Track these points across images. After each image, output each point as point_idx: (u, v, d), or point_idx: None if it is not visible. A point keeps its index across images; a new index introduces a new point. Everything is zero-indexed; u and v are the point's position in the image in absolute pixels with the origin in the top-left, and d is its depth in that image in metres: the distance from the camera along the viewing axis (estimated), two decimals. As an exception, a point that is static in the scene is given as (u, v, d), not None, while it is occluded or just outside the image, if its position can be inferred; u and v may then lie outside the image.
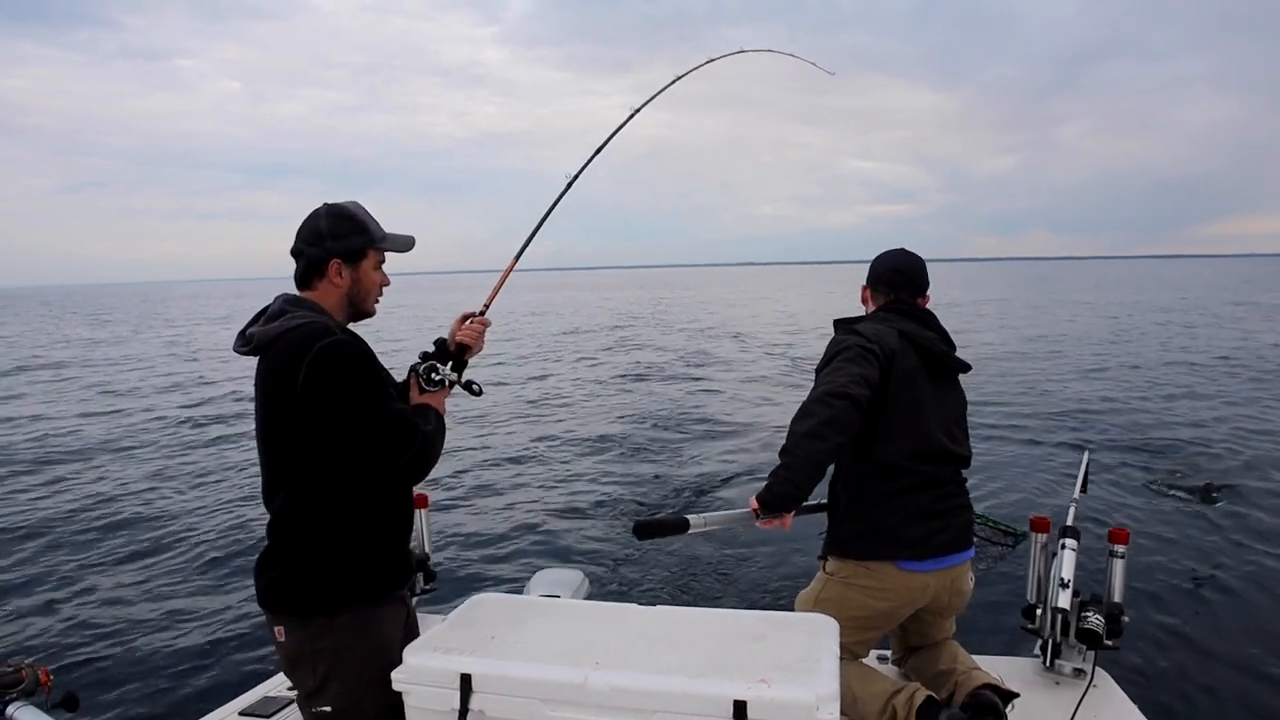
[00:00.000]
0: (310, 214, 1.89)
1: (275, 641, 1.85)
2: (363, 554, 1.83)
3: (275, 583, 1.82)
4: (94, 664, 4.61)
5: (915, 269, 2.49)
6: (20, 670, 2.04)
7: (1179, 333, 23.51)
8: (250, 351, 1.81)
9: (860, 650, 2.43)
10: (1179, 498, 7.30)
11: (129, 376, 18.30)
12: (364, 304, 1.94)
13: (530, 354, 21.49)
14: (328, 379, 1.70)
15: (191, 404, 14.07)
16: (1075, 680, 2.59)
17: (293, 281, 1.92)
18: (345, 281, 1.88)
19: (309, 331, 1.74)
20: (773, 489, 2.11)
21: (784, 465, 2.12)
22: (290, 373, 1.71)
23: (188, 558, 6.38)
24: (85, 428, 12.10)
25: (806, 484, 2.12)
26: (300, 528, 1.81)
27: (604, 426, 11.46)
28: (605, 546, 6.46)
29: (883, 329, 2.32)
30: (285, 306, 1.84)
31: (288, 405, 1.73)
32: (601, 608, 2.11)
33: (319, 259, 1.86)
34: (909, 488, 2.27)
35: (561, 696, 1.65)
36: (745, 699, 1.54)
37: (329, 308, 1.88)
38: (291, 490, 1.80)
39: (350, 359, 1.74)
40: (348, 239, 1.87)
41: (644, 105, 2.67)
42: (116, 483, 8.79)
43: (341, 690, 1.80)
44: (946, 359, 2.38)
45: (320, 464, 1.77)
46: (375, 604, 1.86)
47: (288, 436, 1.77)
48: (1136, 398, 12.80)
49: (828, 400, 2.13)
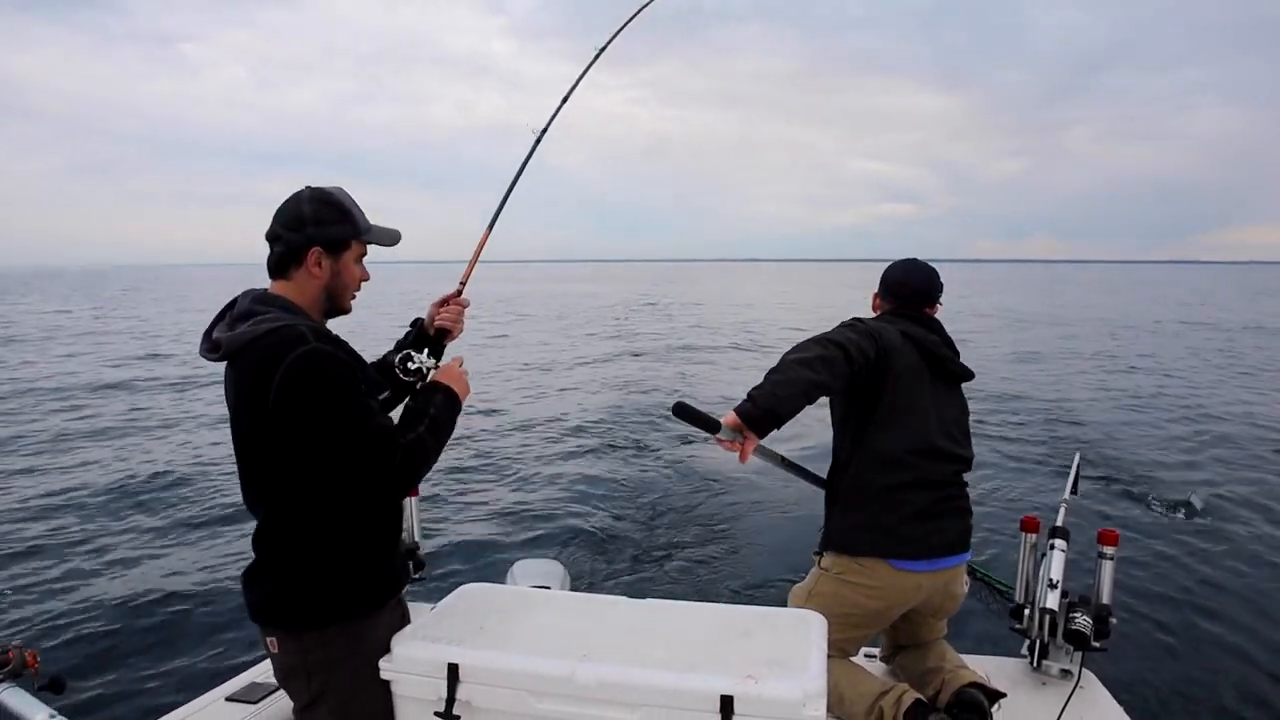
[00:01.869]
0: (291, 196, 1.73)
1: (269, 653, 1.79)
2: (350, 566, 1.74)
3: (264, 598, 1.74)
4: (82, 648, 4.59)
5: (926, 281, 2.52)
6: (8, 652, 2.04)
7: (1180, 335, 23.57)
8: (219, 358, 1.67)
9: (850, 648, 2.43)
10: (1169, 501, 7.32)
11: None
12: (341, 299, 1.79)
13: (519, 343, 21.49)
14: (300, 394, 1.57)
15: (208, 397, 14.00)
16: (1062, 681, 2.60)
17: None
18: (324, 273, 1.74)
19: (280, 339, 1.59)
20: (755, 398, 2.01)
21: (768, 380, 2.05)
22: (262, 385, 1.58)
23: (178, 542, 6.37)
24: (97, 404, 12.07)
25: (789, 402, 2.01)
26: (284, 542, 1.71)
27: (590, 417, 11.45)
28: (587, 539, 6.44)
29: (886, 326, 2.35)
30: (253, 306, 1.68)
31: (260, 419, 1.61)
32: (591, 600, 2.11)
33: (298, 246, 1.71)
34: (907, 484, 2.27)
35: (549, 688, 1.65)
36: (733, 694, 1.54)
37: (303, 303, 1.74)
38: (272, 504, 1.71)
39: (325, 371, 1.59)
40: (331, 227, 1.73)
41: (608, 44, 2.61)
42: (110, 465, 8.78)
43: (336, 703, 1.75)
44: (949, 363, 2.39)
45: (299, 478, 1.65)
46: (365, 614, 1.77)
47: (263, 450, 1.66)
48: (1135, 399, 12.85)
49: (823, 341, 2.14)
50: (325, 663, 1.73)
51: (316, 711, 1.76)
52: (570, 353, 19.79)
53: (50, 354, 19.27)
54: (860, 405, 2.32)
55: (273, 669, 1.84)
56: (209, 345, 1.70)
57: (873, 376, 2.23)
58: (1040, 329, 26.17)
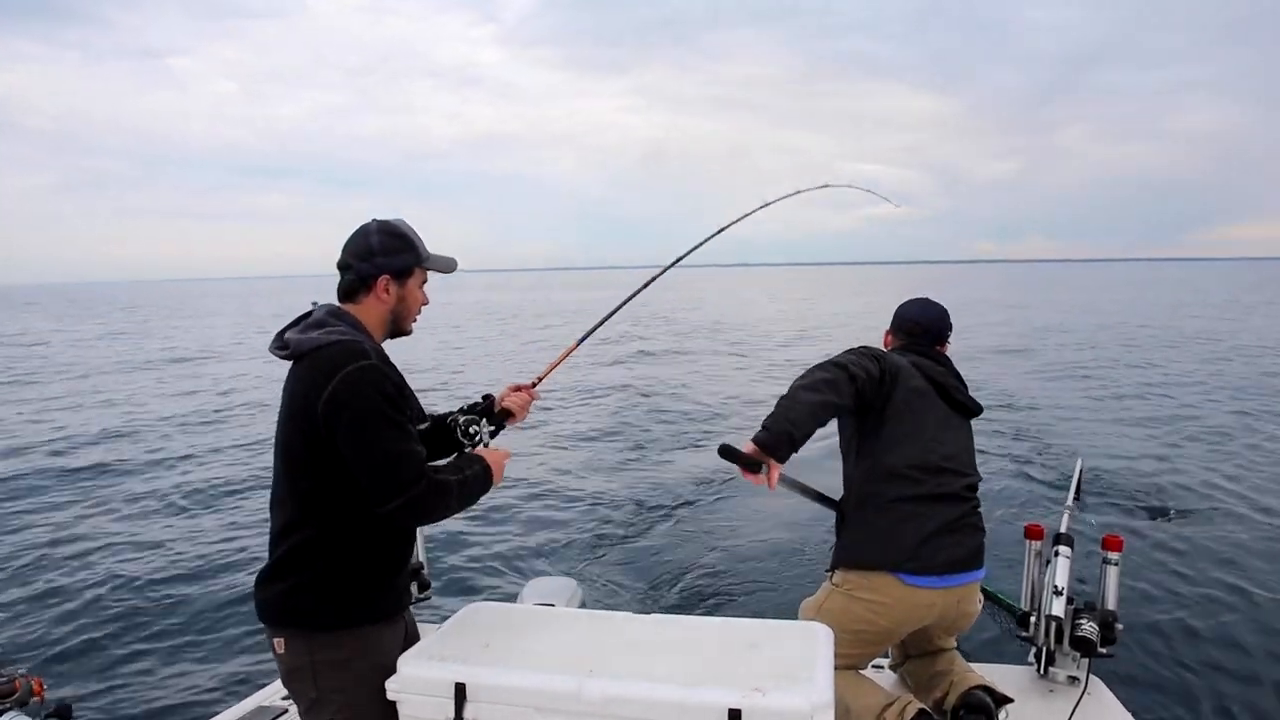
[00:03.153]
0: (359, 230, 1.90)
1: (274, 653, 1.85)
2: (364, 575, 1.82)
3: (276, 597, 1.81)
4: (88, 675, 4.58)
5: (938, 320, 2.60)
6: (14, 680, 2.05)
7: (1177, 340, 23.58)
8: (286, 356, 1.82)
9: (859, 664, 2.43)
10: (1173, 505, 7.31)
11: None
12: (404, 322, 1.96)
13: (521, 354, 21.47)
14: (348, 402, 1.70)
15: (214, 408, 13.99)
16: (1069, 688, 2.59)
17: (290, 280, 1.91)
18: (391, 298, 1.90)
19: (345, 350, 1.75)
20: (769, 426, 2.08)
21: (779, 407, 2.13)
22: (317, 388, 1.71)
23: (184, 567, 6.35)
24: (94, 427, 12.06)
25: (801, 424, 2.09)
26: (305, 544, 1.79)
27: (599, 431, 11.45)
28: (600, 554, 6.44)
29: (894, 355, 2.44)
30: (326, 318, 1.84)
31: (308, 419, 1.73)
32: (596, 616, 2.11)
33: (369, 274, 1.87)
34: (914, 498, 2.28)
35: (555, 705, 1.65)
36: (740, 708, 1.54)
37: (369, 324, 1.88)
38: (299, 505, 1.80)
39: (376, 387, 1.73)
40: (398, 256, 1.89)
41: (759, 209, 2.88)
42: (115, 488, 8.76)
43: (343, 703, 1.79)
44: (957, 393, 2.44)
45: (331, 483, 1.75)
46: (375, 623, 1.85)
47: (302, 450, 1.76)
48: (1137, 403, 12.85)
49: (825, 365, 2.23)
50: (331, 663, 1.79)
51: (322, 711, 1.80)
52: (574, 362, 19.73)
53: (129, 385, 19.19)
54: (867, 423, 2.35)
55: (278, 670, 1.88)
56: (279, 343, 1.85)
57: (878, 394, 2.28)
58: (1040, 332, 26.17)
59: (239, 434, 11.59)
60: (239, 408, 14.04)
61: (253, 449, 10.51)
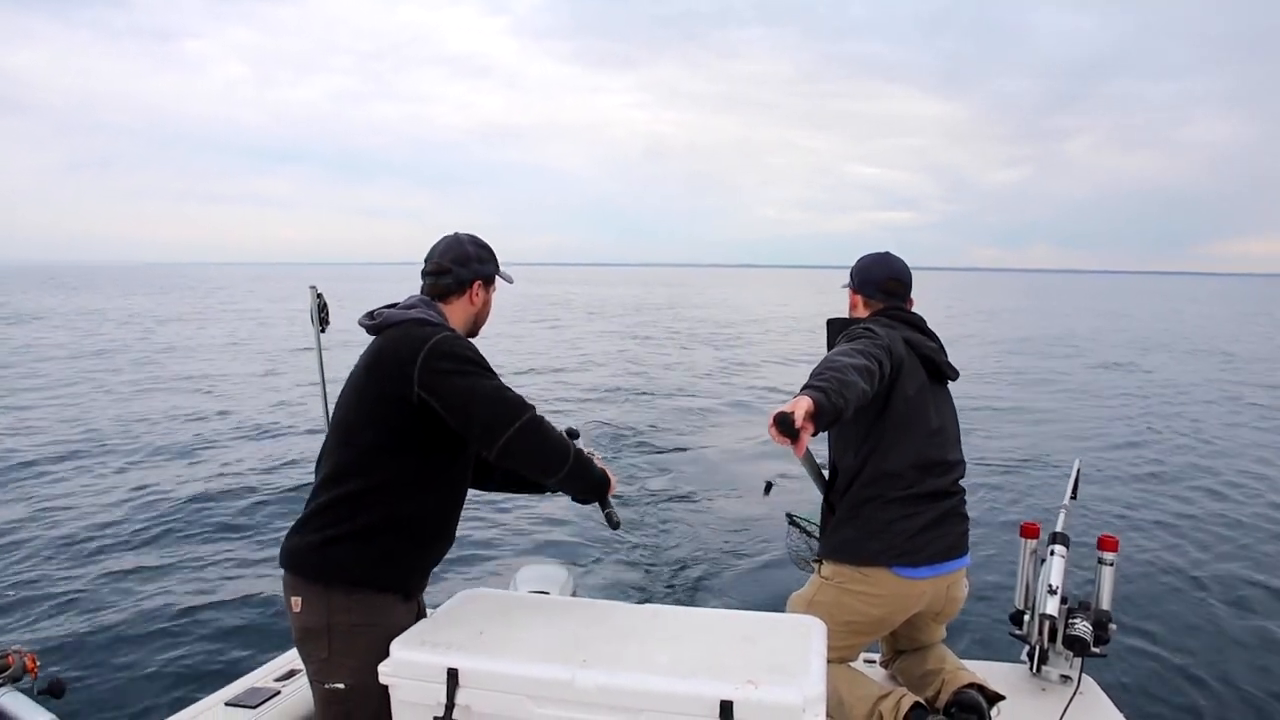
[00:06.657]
0: (452, 238, 2.06)
1: (290, 613, 1.88)
2: (398, 542, 1.88)
3: (308, 547, 1.85)
4: (81, 652, 4.59)
5: (906, 272, 2.51)
6: (7, 656, 2.04)
7: (1181, 343, 23.57)
8: (374, 327, 1.94)
9: (850, 655, 2.43)
10: (1169, 507, 7.32)
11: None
12: (481, 324, 2.13)
13: (523, 342, 21.49)
14: (449, 352, 1.81)
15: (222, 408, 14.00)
16: (1062, 687, 2.59)
17: (302, 268, 1.91)
18: (479, 302, 2.07)
19: (432, 325, 1.89)
20: (828, 392, 1.77)
21: (833, 379, 1.83)
22: (415, 342, 1.81)
23: (178, 548, 6.36)
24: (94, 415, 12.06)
25: (849, 408, 1.83)
26: (348, 495, 1.85)
27: (594, 417, 11.46)
28: (592, 542, 6.45)
29: (894, 336, 2.29)
30: (420, 303, 1.99)
31: (398, 367, 1.81)
32: (591, 605, 2.11)
33: (466, 279, 2.03)
34: (912, 498, 2.28)
35: (549, 694, 1.65)
36: (732, 699, 1.54)
37: (454, 323, 2.02)
38: (356, 456, 1.86)
39: (469, 346, 1.87)
40: (487, 264, 2.07)
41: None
42: (116, 472, 8.77)
43: (356, 666, 1.81)
44: (945, 368, 2.41)
45: (394, 438, 1.84)
46: (395, 593, 1.90)
47: (375, 401, 1.85)
48: (1136, 403, 12.85)
49: (865, 353, 2.04)
50: (347, 626, 1.83)
51: (335, 673, 1.83)
52: (575, 354, 19.81)
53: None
54: (865, 420, 2.31)
55: (292, 630, 1.91)
56: (369, 317, 1.97)
57: (879, 393, 2.20)
58: (1041, 336, 26.19)
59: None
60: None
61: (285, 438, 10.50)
